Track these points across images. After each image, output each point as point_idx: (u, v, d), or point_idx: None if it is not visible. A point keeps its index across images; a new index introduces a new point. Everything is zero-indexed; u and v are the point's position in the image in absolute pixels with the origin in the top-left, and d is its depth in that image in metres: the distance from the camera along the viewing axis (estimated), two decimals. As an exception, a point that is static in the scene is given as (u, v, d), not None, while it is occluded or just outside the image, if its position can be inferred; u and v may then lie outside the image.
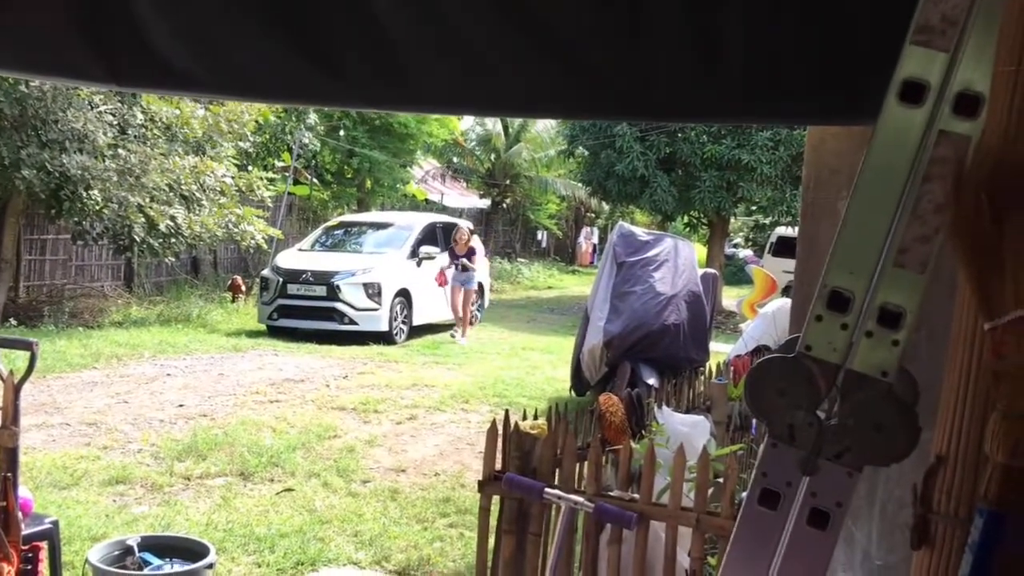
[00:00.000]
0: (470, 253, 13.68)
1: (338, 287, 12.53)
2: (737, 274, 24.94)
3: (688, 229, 22.78)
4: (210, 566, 3.42)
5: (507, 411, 3.27)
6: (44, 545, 3.07)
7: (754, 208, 20.61)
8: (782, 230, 19.03)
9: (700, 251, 22.38)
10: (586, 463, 2.95)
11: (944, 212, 1.30)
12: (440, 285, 13.67)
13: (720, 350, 9.66)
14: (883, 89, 1.34)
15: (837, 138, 1.98)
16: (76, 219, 12.30)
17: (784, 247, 17.20)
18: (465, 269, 13.51)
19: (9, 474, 3.06)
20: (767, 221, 20.61)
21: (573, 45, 1.72)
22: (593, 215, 33.68)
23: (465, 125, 27.63)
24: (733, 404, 4.22)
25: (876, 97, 1.37)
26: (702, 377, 5.50)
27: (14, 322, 11.71)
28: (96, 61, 1.78)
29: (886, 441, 1.39)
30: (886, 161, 1.37)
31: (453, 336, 13.07)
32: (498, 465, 3.04)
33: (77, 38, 1.74)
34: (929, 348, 1.66)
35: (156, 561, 3.43)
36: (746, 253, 30.79)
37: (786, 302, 7.06)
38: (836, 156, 1.96)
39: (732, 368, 5.44)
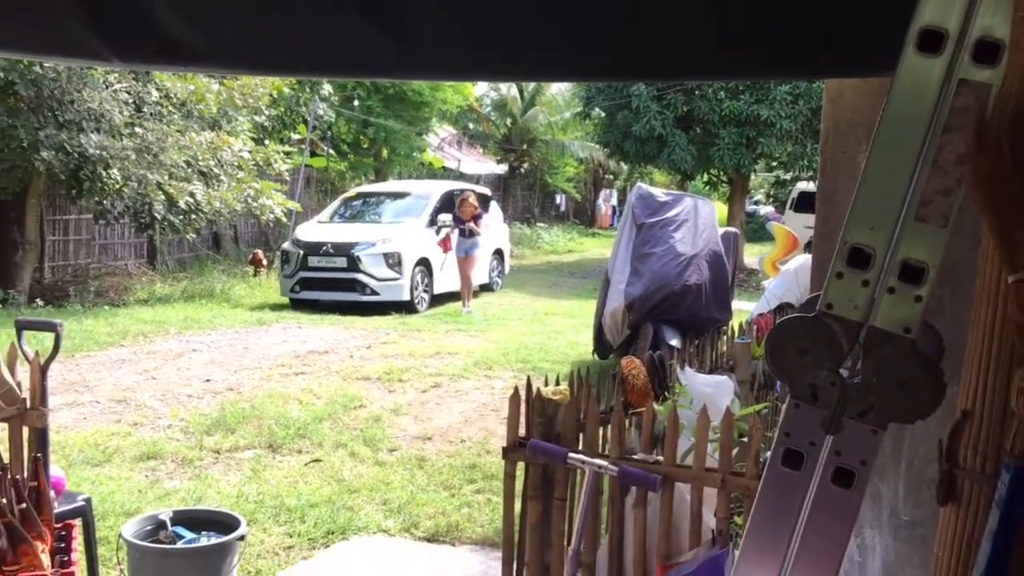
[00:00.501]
0: (475, 218, 13.25)
1: (358, 258, 12.57)
2: (759, 231, 24.76)
3: (708, 187, 22.61)
4: (242, 538, 3.46)
5: (529, 377, 3.27)
6: (77, 523, 3.11)
7: (774, 164, 20.41)
8: (803, 185, 18.83)
9: (720, 209, 22.26)
10: (609, 427, 2.96)
11: (965, 163, 1.27)
12: (444, 251, 13.38)
13: (743, 308, 9.62)
14: (900, 40, 1.31)
15: (855, 91, 1.94)
16: (97, 199, 12.38)
17: (805, 202, 17.01)
18: (471, 234, 13.08)
19: (39, 454, 3.11)
20: (788, 177, 20.39)
21: (583, 6, 1.70)
22: (611, 177, 33.50)
23: (480, 91, 27.46)
24: (757, 363, 4.20)
25: (894, 48, 1.33)
26: (725, 337, 5.48)
27: (41, 302, 11.85)
28: (96, 39, 1.78)
29: (910, 398, 1.37)
30: (905, 113, 1.34)
31: (465, 311, 12.71)
32: (522, 431, 3.05)
33: (76, 17, 1.73)
34: (953, 304, 1.64)
35: (189, 534, 3.47)
36: (767, 210, 30.56)
37: (808, 258, 7.00)
38: (854, 110, 1.92)
39: (755, 327, 5.42)
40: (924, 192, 1.33)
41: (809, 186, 18.00)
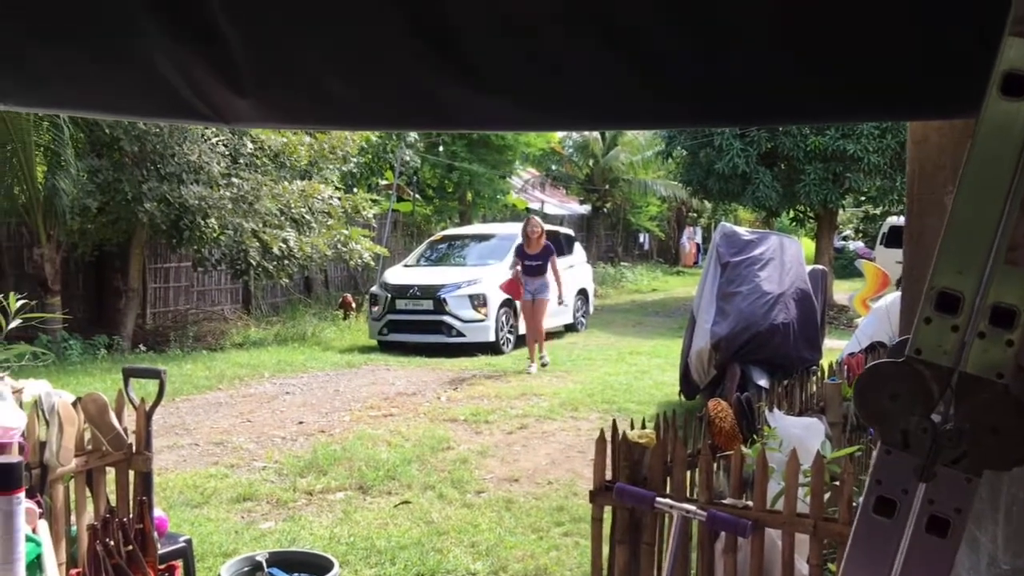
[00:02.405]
0: (545, 253, 11.35)
1: (444, 300, 12.74)
2: (848, 267, 24.19)
3: (794, 224, 22.23)
4: (335, 579, 3.53)
5: (615, 420, 3.28)
6: (179, 564, 3.24)
7: (863, 199, 19.96)
8: (893, 219, 18.37)
9: (808, 246, 21.81)
10: (697, 471, 2.94)
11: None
12: (515, 297, 11.66)
13: (834, 347, 9.40)
14: (984, 81, 1.31)
15: (940, 133, 1.92)
16: (196, 247, 12.91)
17: (896, 237, 16.58)
18: (539, 273, 11.24)
19: (144, 497, 3.25)
20: (877, 211, 19.91)
21: (664, 58, 1.73)
22: (695, 215, 33.25)
23: (562, 133, 27.68)
24: (848, 404, 4.10)
25: (977, 90, 1.33)
26: (815, 377, 5.37)
27: (143, 348, 12.35)
28: (205, 103, 1.90)
29: (1004, 444, 1.35)
30: (991, 156, 1.34)
31: (529, 369, 10.94)
32: (608, 475, 3.05)
33: (188, 84, 1.85)
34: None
35: None
36: (857, 245, 29.82)
37: (899, 295, 6.83)
38: (940, 151, 1.91)
39: (846, 366, 5.29)
40: (1013, 235, 1.32)
41: (900, 220, 17.53)
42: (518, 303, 12.34)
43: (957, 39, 1.59)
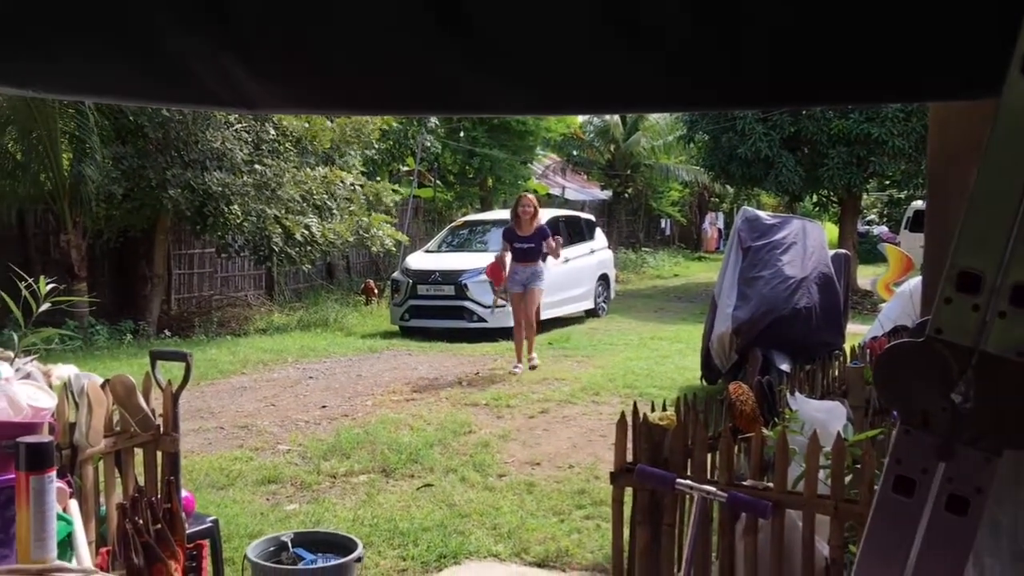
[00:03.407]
0: (539, 235, 9.54)
1: (466, 286, 12.77)
2: (872, 252, 23.96)
3: (817, 208, 22.06)
4: (359, 560, 3.58)
5: (635, 403, 3.29)
6: (207, 543, 3.28)
7: (887, 183, 19.78)
8: (918, 204, 18.21)
9: (831, 230, 21.65)
10: (717, 452, 2.95)
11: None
12: (490, 278, 10.19)
13: (857, 332, 9.35)
14: (1005, 62, 1.31)
15: (961, 114, 1.92)
16: (219, 233, 13.02)
17: (920, 221, 16.42)
18: (531, 259, 9.54)
19: (172, 477, 3.30)
20: (902, 195, 19.73)
21: (684, 41, 1.72)
22: (717, 200, 33.08)
23: (582, 118, 27.59)
24: (871, 388, 4.09)
25: (999, 70, 1.33)
26: (837, 362, 5.35)
27: (168, 333, 12.49)
28: (227, 88, 1.91)
29: (1025, 423, 1.35)
30: (1013, 135, 1.34)
31: (515, 369, 9.61)
32: (629, 457, 3.07)
33: (212, 69, 1.87)
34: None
35: (309, 556, 3.62)
36: (881, 229, 29.56)
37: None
38: (961, 133, 1.90)
39: (868, 351, 5.27)
40: (1035, 215, 1.32)
41: (924, 205, 17.38)
42: (545, 289, 12.28)
43: (979, 19, 1.58)
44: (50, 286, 3.42)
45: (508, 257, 9.69)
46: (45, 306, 3.38)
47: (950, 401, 1.39)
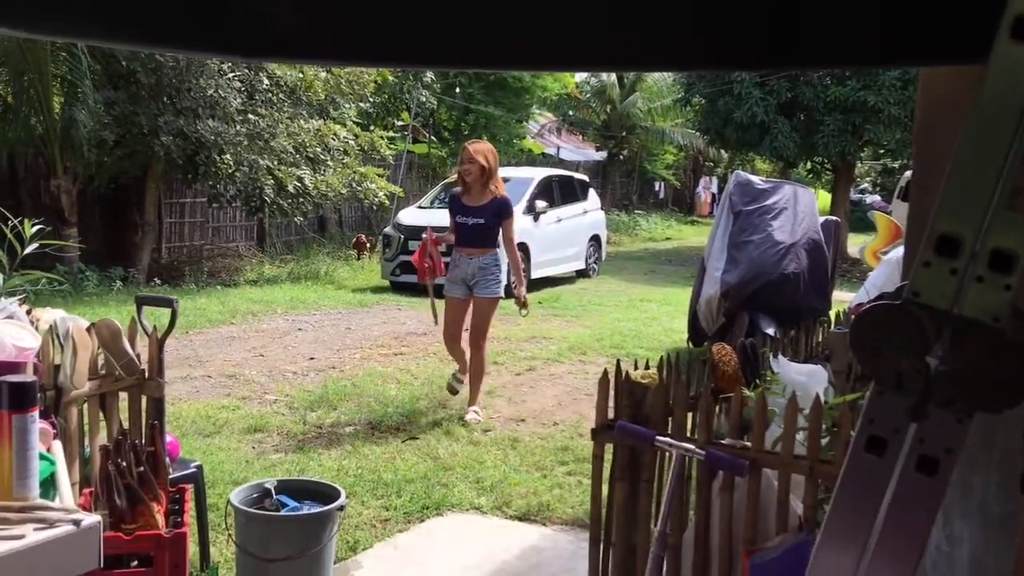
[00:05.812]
0: (494, 209, 6.26)
1: (457, 242, 12.67)
2: (864, 220, 23.97)
3: (811, 175, 22.03)
4: (341, 508, 3.62)
5: (619, 361, 3.31)
6: (190, 487, 3.32)
7: (882, 151, 19.74)
8: (911, 174, 18.17)
9: (824, 198, 21.61)
10: (697, 411, 2.98)
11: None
12: (417, 263, 7.01)
13: (845, 298, 9.39)
14: (994, 26, 1.30)
15: (948, 79, 1.91)
16: (211, 182, 12.95)
17: (915, 191, 16.42)
18: (480, 243, 6.24)
19: (156, 422, 3.32)
20: (896, 165, 19.71)
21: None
22: (712, 164, 32.96)
23: (579, 77, 27.39)
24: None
25: (987, 35, 1.33)
26: (822, 327, 5.38)
27: (158, 281, 12.47)
28: (218, 33, 1.88)
29: (997, 387, 1.37)
30: (998, 102, 1.34)
31: (455, 383, 6.48)
32: (611, 414, 3.10)
33: (196, 11, 1.84)
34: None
35: (292, 503, 3.65)
36: (873, 198, 29.57)
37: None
38: (948, 98, 1.90)
39: (853, 316, 5.30)
40: (1016, 181, 1.33)
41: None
42: (535, 248, 12.36)
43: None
44: (35, 228, 3.41)
45: (453, 239, 6.44)
46: (30, 248, 3.37)
47: (924, 363, 1.40)
